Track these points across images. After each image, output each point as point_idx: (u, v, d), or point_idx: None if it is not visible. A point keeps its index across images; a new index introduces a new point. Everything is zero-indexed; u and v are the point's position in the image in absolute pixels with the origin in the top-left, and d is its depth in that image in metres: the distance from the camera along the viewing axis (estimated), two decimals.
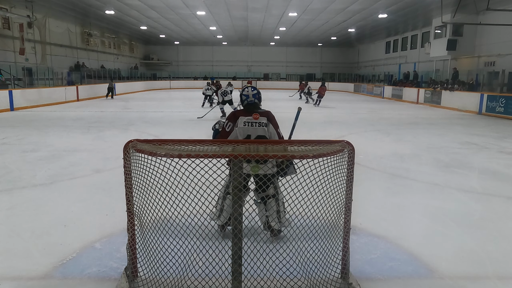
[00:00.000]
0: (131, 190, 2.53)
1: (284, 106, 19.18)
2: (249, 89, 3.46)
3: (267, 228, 3.36)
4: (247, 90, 3.45)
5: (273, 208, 3.31)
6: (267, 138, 3.36)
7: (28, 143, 8.34)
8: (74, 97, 20.05)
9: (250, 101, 3.44)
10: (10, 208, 4.35)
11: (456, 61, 20.69)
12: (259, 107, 3.50)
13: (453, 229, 3.90)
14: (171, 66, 41.12)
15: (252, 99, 3.44)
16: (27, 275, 2.91)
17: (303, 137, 3.06)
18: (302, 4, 18.86)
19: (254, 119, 3.32)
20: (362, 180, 5.28)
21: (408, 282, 2.89)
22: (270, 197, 3.32)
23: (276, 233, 3.36)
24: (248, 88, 3.45)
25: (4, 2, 17.59)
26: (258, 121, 3.33)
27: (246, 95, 3.44)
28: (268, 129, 3.37)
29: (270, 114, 3.43)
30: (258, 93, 3.50)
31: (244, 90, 3.46)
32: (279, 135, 3.45)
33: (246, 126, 3.31)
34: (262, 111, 3.43)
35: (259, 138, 3.33)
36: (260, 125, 3.33)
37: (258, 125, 3.33)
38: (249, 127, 3.32)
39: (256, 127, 3.33)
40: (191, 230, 3.33)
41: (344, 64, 40.77)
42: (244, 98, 3.45)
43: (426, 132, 10.62)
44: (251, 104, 3.45)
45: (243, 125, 3.31)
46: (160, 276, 2.63)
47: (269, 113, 3.43)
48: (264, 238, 3.28)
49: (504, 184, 5.58)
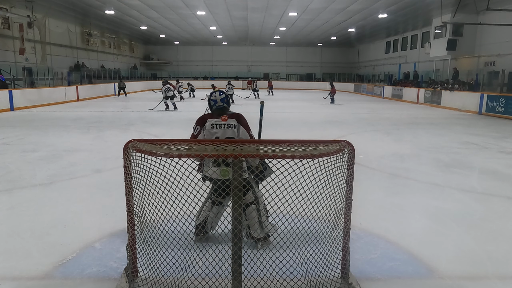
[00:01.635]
0: (131, 190, 2.53)
1: (284, 106, 19.18)
2: (217, 94, 3.39)
3: (249, 237, 3.26)
4: (215, 95, 3.39)
5: (252, 216, 3.18)
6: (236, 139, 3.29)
7: (28, 143, 8.34)
8: (74, 97, 20.06)
9: (218, 106, 3.36)
10: (10, 208, 4.35)
11: (456, 61, 20.69)
12: (228, 111, 3.41)
13: (453, 229, 3.90)
14: (171, 66, 41.13)
15: (220, 104, 3.37)
16: (27, 275, 2.91)
17: (303, 137, 3.06)
18: (302, 4, 18.85)
19: (222, 121, 3.27)
20: (362, 180, 5.28)
21: (408, 282, 2.89)
22: (248, 204, 3.16)
23: (262, 241, 3.24)
24: (216, 93, 3.40)
25: (4, 2, 17.59)
26: (226, 123, 3.27)
27: (215, 100, 3.37)
28: (238, 132, 3.30)
29: (240, 116, 3.37)
30: (226, 97, 3.44)
31: (212, 95, 3.40)
32: (251, 137, 3.40)
33: (214, 128, 3.26)
34: (232, 113, 3.37)
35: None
36: (229, 126, 3.27)
37: (227, 127, 3.27)
38: (217, 129, 3.26)
39: (225, 128, 3.27)
40: (191, 230, 3.34)
41: (344, 64, 40.79)
42: (213, 103, 3.38)
43: (426, 132, 10.62)
44: (219, 108, 3.36)
45: (211, 128, 3.26)
46: (160, 276, 2.63)
47: (240, 116, 3.37)
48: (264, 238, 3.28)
49: (504, 184, 5.58)
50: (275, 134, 10.14)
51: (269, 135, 9.93)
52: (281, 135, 9.73)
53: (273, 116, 14.47)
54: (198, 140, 3.14)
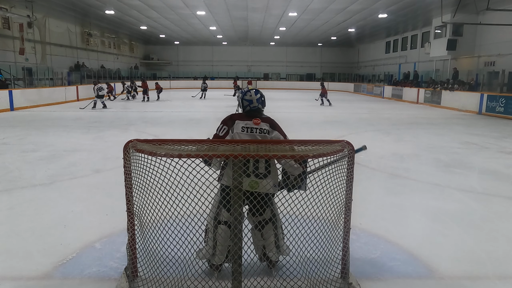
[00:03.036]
0: (131, 190, 2.53)
1: (284, 106, 19.18)
2: (252, 93, 2.92)
3: (264, 259, 2.89)
4: (250, 94, 2.92)
5: (269, 235, 2.81)
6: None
7: (28, 143, 8.34)
8: (74, 97, 20.05)
9: (253, 107, 2.90)
10: (10, 208, 4.35)
11: (456, 61, 20.68)
12: (262, 114, 2.98)
13: (453, 229, 3.90)
14: (171, 66, 41.11)
15: (255, 105, 2.90)
16: (27, 275, 2.91)
17: (303, 137, 3.05)
18: (302, 4, 18.85)
19: (254, 124, 2.83)
20: (362, 180, 5.28)
21: (408, 282, 2.89)
22: (267, 221, 2.80)
23: (274, 264, 2.88)
24: (251, 92, 2.93)
25: (4, 2, 17.58)
26: (259, 127, 2.82)
27: (250, 100, 2.90)
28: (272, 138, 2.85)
29: (273, 121, 2.94)
30: (262, 96, 2.99)
31: (247, 94, 2.93)
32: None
33: (245, 132, 2.81)
34: (265, 117, 2.94)
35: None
36: (261, 131, 2.82)
37: (259, 132, 2.82)
38: (248, 133, 2.82)
39: (256, 133, 2.82)
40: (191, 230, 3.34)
41: (344, 64, 40.77)
42: (247, 103, 2.90)
43: (426, 132, 10.62)
44: (254, 110, 2.92)
45: (241, 131, 2.81)
46: (160, 276, 2.63)
47: (272, 120, 2.95)
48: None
49: (504, 184, 5.58)
50: None
51: None
52: None
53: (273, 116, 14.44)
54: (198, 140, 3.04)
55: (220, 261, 2.80)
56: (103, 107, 16.63)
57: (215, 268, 2.84)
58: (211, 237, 2.79)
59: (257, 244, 2.87)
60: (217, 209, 2.75)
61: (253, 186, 2.63)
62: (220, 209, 2.74)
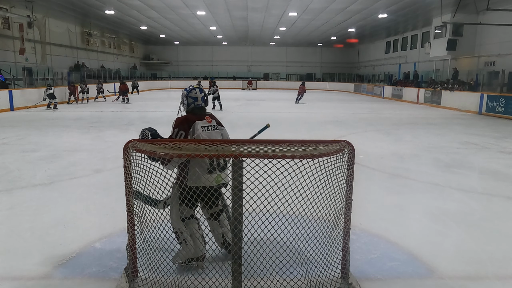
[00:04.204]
0: (131, 190, 2.53)
1: (284, 106, 19.18)
2: (197, 91, 3.01)
3: (224, 245, 3.03)
4: (195, 92, 3.01)
5: (226, 223, 2.99)
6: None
7: (28, 143, 8.34)
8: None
9: (197, 104, 3.01)
10: (10, 208, 4.35)
11: (456, 61, 20.68)
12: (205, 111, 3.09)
13: (453, 229, 3.90)
14: (171, 66, 41.11)
15: (200, 103, 3.01)
16: (27, 275, 2.91)
17: (303, 137, 3.05)
18: (302, 4, 18.84)
19: (208, 122, 2.97)
20: (362, 180, 5.28)
21: (408, 282, 2.89)
22: (221, 210, 3.01)
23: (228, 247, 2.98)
24: (196, 90, 3.02)
25: (4, 2, 17.58)
26: (211, 124, 2.99)
27: (195, 98, 3.00)
28: (222, 133, 3.04)
29: (216, 117, 3.10)
30: (205, 95, 3.10)
31: (192, 92, 3.01)
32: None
33: (205, 131, 2.92)
34: (209, 113, 3.07)
35: None
36: (214, 128, 3.00)
37: (213, 129, 2.99)
38: (207, 132, 2.93)
39: (213, 131, 2.97)
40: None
41: (344, 64, 40.76)
42: (192, 101, 3.00)
43: (426, 132, 10.62)
44: (199, 108, 3.02)
45: (202, 130, 2.90)
46: (160, 276, 2.63)
47: (215, 116, 3.11)
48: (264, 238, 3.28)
49: (504, 184, 5.58)
50: (275, 134, 10.14)
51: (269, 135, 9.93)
52: (281, 135, 9.73)
53: (273, 116, 14.47)
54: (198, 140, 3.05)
55: (201, 252, 2.89)
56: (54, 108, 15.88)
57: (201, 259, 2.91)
58: (186, 236, 2.85)
59: (217, 233, 3.02)
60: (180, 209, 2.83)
61: (218, 180, 2.81)
62: (183, 207, 2.83)
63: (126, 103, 19.85)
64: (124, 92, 20.56)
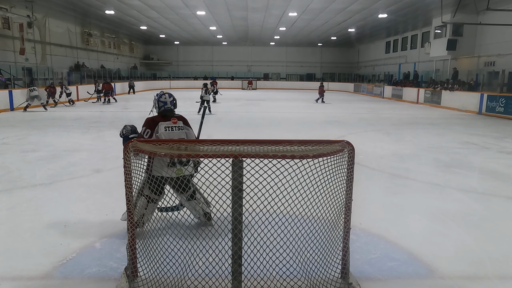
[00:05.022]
0: (131, 190, 2.53)
1: (284, 106, 19.18)
2: (166, 96, 3.50)
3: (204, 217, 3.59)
4: (165, 96, 3.49)
5: (201, 199, 3.57)
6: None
7: (28, 143, 8.34)
8: (74, 97, 20.02)
9: (167, 107, 3.49)
10: (10, 208, 4.35)
11: (456, 61, 20.68)
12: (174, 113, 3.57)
13: (453, 229, 3.90)
14: (171, 66, 41.11)
15: (169, 106, 3.49)
16: (27, 275, 2.91)
17: (303, 137, 3.05)
18: (302, 4, 18.84)
19: (173, 123, 3.43)
20: (362, 180, 5.28)
21: (408, 282, 2.89)
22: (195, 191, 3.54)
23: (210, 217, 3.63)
24: (166, 95, 3.51)
25: (4, 2, 17.58)
26: (177, 125, 3.45)
27: (164, 102, 3.48)
28: (187, 133, 3.51)
29: (185, 119, 3.56)
30: (174, 99, 3.56)
31: (162, 96, 3.50)
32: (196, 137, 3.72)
33: (168, 131, 3.39)
34: (178, 115, 3.54)
35: None
36: (179, 129, 3.46)
37: (178, 129, 3.45)
38: (170, 132, 3.40)
39: (177, 131, 3.43)
40: (191, 230, 3.34)
41: (344, 64, 40.77)
42: (162, 104, 3.48)
43: (426, 132, 10.62)
44: (168, 110, 3.49)
45: (165, 130, 3.38)
46: (160, 276, 2.63)
47: (184, 118, 3.56)
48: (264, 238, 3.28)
49: (504, 184, 5.58)
50: (275, 134, 10.14)
51: (269, 135, 9.94)
52: (281, 135, 9.73)
53: (273, 116, 14.47)
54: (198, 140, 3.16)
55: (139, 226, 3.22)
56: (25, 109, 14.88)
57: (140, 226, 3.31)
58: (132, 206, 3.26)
59: (198, 208, 3.56)
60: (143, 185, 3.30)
61: (179, 172, 3.29)
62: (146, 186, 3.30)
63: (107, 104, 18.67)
64: (108, 92, 19.57)
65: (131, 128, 3.56)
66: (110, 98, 19.71)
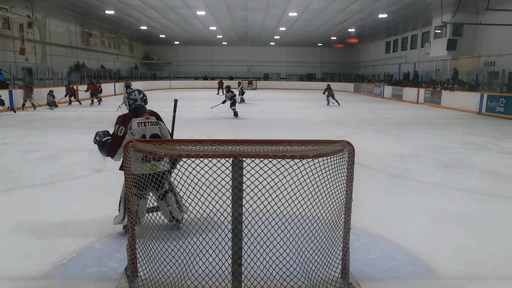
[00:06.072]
0: (131, 190, 2.53)
1: (284, 106, 19.18)
2: (136, 93, 3.54)
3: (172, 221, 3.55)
4: (135, 94, 3.54)
5: (172, 201, 3.54)
6: (159, 135, 3.55)
7: (28, 143, 8.34)
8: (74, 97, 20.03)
9: (138, 104, 3.53)
10: (10, 208, 4.35)
11: (456, 61, 20.68)
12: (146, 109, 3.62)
13: (453, 229, 3.90)
14: (171, 66, 41.10)
15: (140, 103, 3.54)
16: (27, 275, 2.91)
17: (303, 137, 3.05)
18: (302, 4, 18.84)
19: (146, 119, 3.49)
20: (362, 180, 5.28)
21: (408, 282, 2.89)
22: (167, 191, 3.52)
23: (180, 222, 3.60)
24: (135, 92, 3.56)
25: (4, 2, 17.58)
26: (149, 121, 3.51)
27: (134, 99, 3.52)
28: (160, 127, 3.57)
29: (157, 114, 3.64)
30: (144, 96, 3.62)
31: (132, 94, 3.54)
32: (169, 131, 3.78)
33: (141, 126, 3.45)
34: (150, 111, 3.60)
35: (153, 136, 3.49)
36: (152, 124, 3.52)
37: (150, 124, 3.51)
38: (143, 127, 3.46)
39: (149, 126, 3.50)
40: (191, 229, 3.33)
41: (344, 64, 40.76)
42: (132, 102, 3.52)
43: (426, 132, 10.62)
44: (139, 107, 3.54)
45: (137, 126, 3.43)
46: (160, 276, 2.63)
47: (156, 113, 3.63)
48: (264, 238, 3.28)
49: (504, 184, 5.58)
50: (275, 134, 10.14)
51: (269, 135, 9.94)
52: (281, 135, 9.73)
53: (273, 116, 14.47)
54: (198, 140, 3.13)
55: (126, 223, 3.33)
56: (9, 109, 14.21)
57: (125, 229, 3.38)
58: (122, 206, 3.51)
59: (165, 210, 3.51)
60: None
61: (154, 168, 3.28)
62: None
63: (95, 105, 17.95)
64: (94, 93, 18.63)
65: (103, 132, 3.63)
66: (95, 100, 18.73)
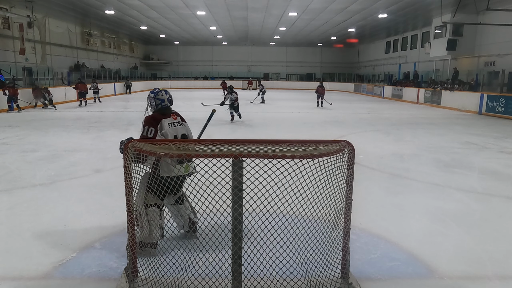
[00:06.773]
0: (131, 190, 2.53)
1: (284, 106, 19.18)
2: (163, 93, 3.44)
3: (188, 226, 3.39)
4: (162, 94, 3.43)
5: (189, 203, 3.42)
6: (187, 135, 3.45)
7: (28, 143, 8.34)
8: (74, 97, 20.03)
9: (164, 105, 3.43)
10: (10, 208, 4.35)
11: (456, 61, 20.68)
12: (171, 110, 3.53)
13: (453, 229, 3.90)
14: (171, 66, 41.10)
15: (166, 103, 3.44)
16: (27, 275, 2.91)
17: (303, 137, 3.05)
18: (302, 4, 18.84)
19: (173, 119, 3.39)
20: (362, 180, 5.28)
21: (408, 282, 2.89)
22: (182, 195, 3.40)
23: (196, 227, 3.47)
24: (163, 92, 3.44)
25: (4, 2, 17.57)
26: (177, 121, 3.42)
27: (162, 99, 3.42)
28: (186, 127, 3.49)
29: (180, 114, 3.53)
30: (170, 96, 3.52)
31: (159, 94, 3.43)
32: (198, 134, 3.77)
33: (171, 127, 3.34)
34: (174, 111, 3.50)
35: (183, 136, 3.39)
36: (180, 124, 3.42)
37: (179, 124, 3.41)
38: (174, 128, 3.36)
39: (178, 126, 3.40)
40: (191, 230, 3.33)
41: (344, 64, 40.77)
42: (159, 102, 3.42)
43: (426, 132, 10.62)
44: (165, 107, 3.43)
45: (169, 127, 3.32)
46: (160, 276, 2.63)
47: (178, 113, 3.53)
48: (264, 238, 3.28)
49: (504, 184, 5.58)
50: (275, 134, 10.14)
51: (269, 135, 9.94)
52: (281, 135, 9.73)
53: (273, 116, 14.47)
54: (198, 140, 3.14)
55: (156, 239, 3.15)
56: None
57: (153, 246, 3.14)
58: (144, 220, 3.14)
59: (184, 215, 3.38)
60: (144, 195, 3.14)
61: (187, 169, 3.20)
62: (147, 194, 3.13)
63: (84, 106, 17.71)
64: (83, 93, 18.07)
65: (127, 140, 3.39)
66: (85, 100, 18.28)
